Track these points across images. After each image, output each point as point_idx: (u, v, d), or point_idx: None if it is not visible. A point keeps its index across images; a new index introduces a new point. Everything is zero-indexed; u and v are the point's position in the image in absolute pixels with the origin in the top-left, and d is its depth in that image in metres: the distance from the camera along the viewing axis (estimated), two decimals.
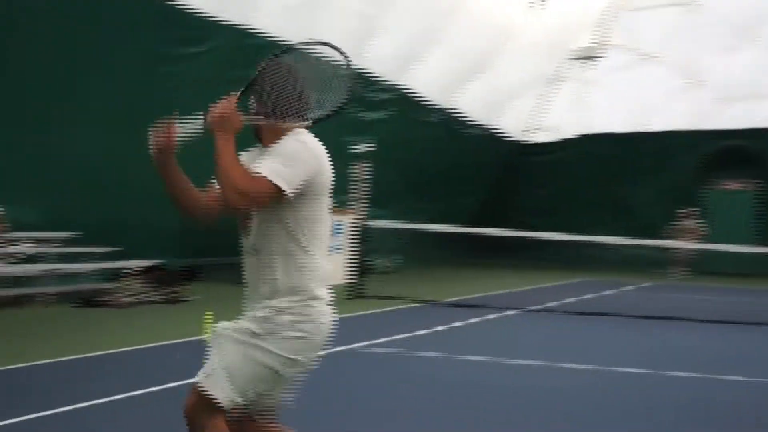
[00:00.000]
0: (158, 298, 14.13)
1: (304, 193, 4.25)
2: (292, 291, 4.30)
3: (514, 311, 15.35)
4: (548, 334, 13.16)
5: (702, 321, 14.76)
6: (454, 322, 13.34)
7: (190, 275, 16.87)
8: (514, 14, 24.37)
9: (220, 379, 4.15)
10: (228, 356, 4.21)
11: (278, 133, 4.41)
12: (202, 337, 7.73)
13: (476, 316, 14.28)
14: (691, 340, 12.82)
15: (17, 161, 13.99)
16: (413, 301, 15.91)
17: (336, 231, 19.10)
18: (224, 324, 4.38)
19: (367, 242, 16.84)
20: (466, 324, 13.37)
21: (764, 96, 28.69)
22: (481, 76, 27.19)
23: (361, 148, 20.28)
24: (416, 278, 20.43)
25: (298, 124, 4.42)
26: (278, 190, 4.12)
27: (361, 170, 18.68)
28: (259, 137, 4.58)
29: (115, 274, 14.16)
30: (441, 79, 26.05)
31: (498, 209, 30.33)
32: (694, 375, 9.72)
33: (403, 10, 22.14)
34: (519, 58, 27.49)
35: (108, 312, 12.82)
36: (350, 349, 10.32)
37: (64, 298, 13.49)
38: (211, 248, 18.63)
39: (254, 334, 4.20)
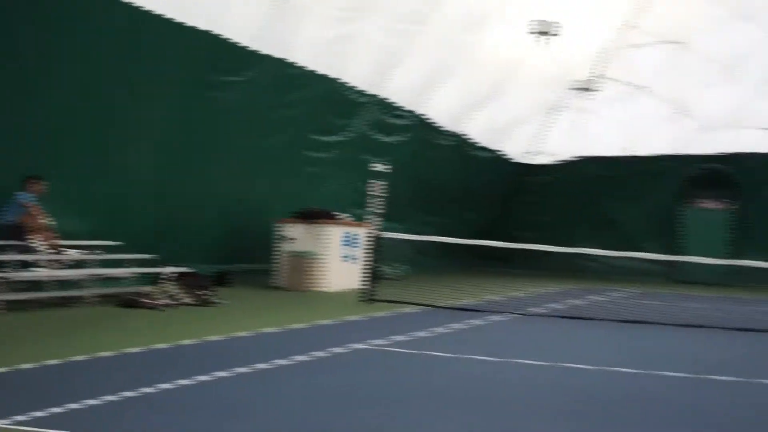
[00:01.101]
0: (191, 300, 14.05)
1: None
2: None
3: (512, 315, 15.28)
4: (542, 336, 13.08)
5: (682, 326, 14.64)
6: (456, 324, 13.23)
7: (220, 280, 16.84)
8: (520, 50, 24.25)
9: None
10: None
11: None
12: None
13: (477, 319, 14.16)
14: (671, 342, 12.78)
15: (68, 178, 13.99)
16: (420, 305, 15.77)
17: (353, 242, 19.07)
18: None
19: (379, 252, 16.74)
20: (468, 326, 13.25)
21: (740, 126, 28.67)
22: (489, 105, 27.16)
23: (379, 167, 20.19)
24: (423, 285, 20.29)
25: None
26: None
27: (377, 187, 18.59)
28: None
29: (152, 279, 14.13)
30: (453, 107, 26.01)
31: (501, 223, 30.25)
32: (675, 374, 9.56)
33: (421, 46, 22.06)
34: (523, 89, 27.39)
35: (145, 312, 12.77)
36: (362, 347, 10.32)
37: (106, 300, 13.43)
38: (237, 257, 18.66)
39: None
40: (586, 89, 28.65)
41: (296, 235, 18.34)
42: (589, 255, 27.78)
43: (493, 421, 6.92)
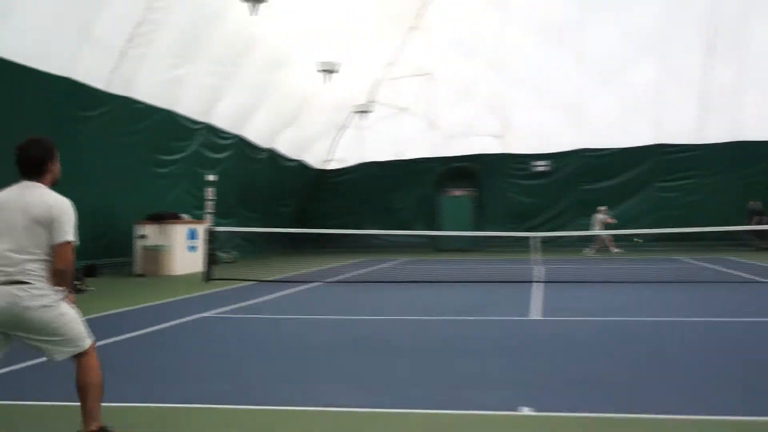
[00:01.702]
0: None
1: None
2: None
3: (318, 283, 15.38)
4: (340, 296, 13.17)
5: (443, 282, 15.14)
6: (278, 293, 13.27)
7: (88, 272, 16.30)
8: (313, 83, 24.57)
9: None
10: None
11: None
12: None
13: (292, 288, 14.22)
14: (438, 295, 12.94)
15: None
16: (249, 281, 15.79)
17: (194, 236, 18.94)
18: None
19: (214, 242, 16.70)
20: (287, 294, 13.29)
21: (474, 134, 29.81)
22: (292, 126, 27.26)
23: (210, 177, 20.08)
24: (250, 265, 20.31)
25: None
26: None
27: (210, 193, 18.47)
28: None
29: None
30: (265, 128, 25.98)
31: (307, 215, 30.40)
32: (447, 318, 9.90)
33: (238, 83, 22.05)
34: (317, 113, 27.68)
35: None
36: (204, 316, 10.27)
37: None
38: (102, 252, 18.09)
39: None
40: (364, 111, 29.20)
41: (149, 233, 18.04)
42: (374, 234, 28.60)
43: (304, 363, 7.26)
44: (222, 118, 23.10)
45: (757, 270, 16.91)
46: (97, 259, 17.58)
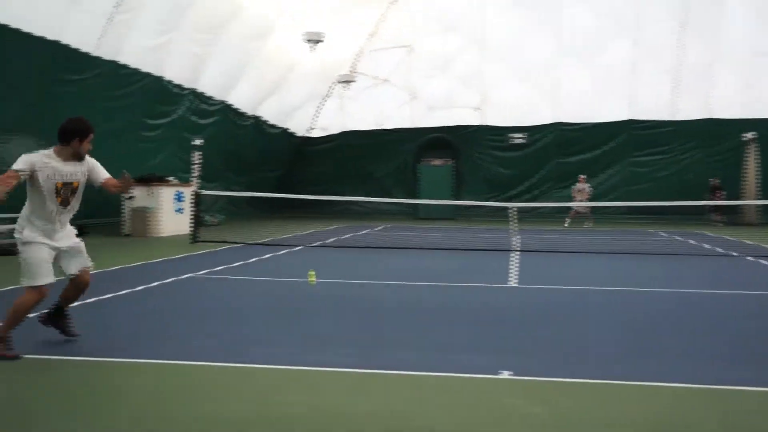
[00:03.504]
0: None
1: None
2: None
3: (302, 247, 15.34)
4: (324, 260, 13.00)
5: (422, 248, 15.16)
6: (261, 256, 13.27)
7: (79, 231, 16.12)
8: (298, 53, 24.35)
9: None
10: None
11: None
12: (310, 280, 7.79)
13: (276, 251, 14.19)
14: (419, 261, 12.84)
15: None
16: (234, 243, 15.73)
17: (181, 198, 18.77)
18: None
19: (200, 205, 16.59)
20: (270, 256, 13.28)
21: (453, 106, 29.82)
22: (277, 94, 27.08)
23: (197, 142, 19.90)
24: (235, 228, 20.24)
25: None
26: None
27: (196, 157, 18.35)
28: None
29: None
30: (250, 96, 25.79)
31: (290, 181, 30.25)
32: (417, 284, 9.84)
33: (223, 51, 21.77)
34: (302, 82, 27.54)
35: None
36: (191, 276, 10.24)
37: None
38: (92, 212, 17.92)
39: None
40: (347, 81, 29.07)
41: (137, 195, 17.85)
42: (355, 201, 28.62)
43: (290, 322, 7.27)
44: (208, 85, 22.87)
45: (729, 244, 17.11)
46: (86, 219, 17.42)
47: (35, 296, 5.53)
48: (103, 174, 5.94)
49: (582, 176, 24.80)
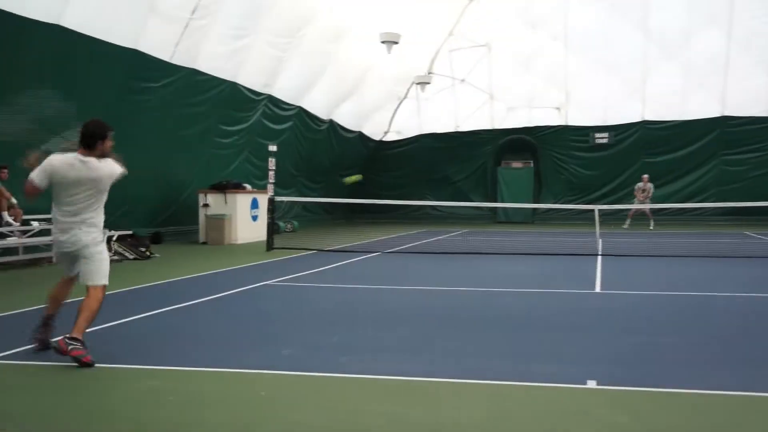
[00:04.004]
0: (133, 256, 13.78)
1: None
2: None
3: (378, 253, 15.28)
4: (403, 267, 13.05)
5: (503, 254, 14.97)
6: (337, 263, 13.24)
7: (155, 239, 16.52)
8: (374, 55, 24.35)
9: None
10: None
11: None
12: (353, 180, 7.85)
13: (351, 258, 14.19)
14: (500, 267, 12.73)
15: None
16: (309, 250, 15.80)
17: (256, 205, 19.03)
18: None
19: (276, 211, 16.73)
20: (347, 263, 13.26)
21: (533, 106, 29.35)
22: (352, 97, 27.17)
23: (273, 148, 20.13)
24: (310, 235, 20.36)
25: None
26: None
27: (271, 163, 18.56)
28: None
29: None
30: (325, 100, 25.95)
31: (366, 186, 30.23)
32: (511, 290, 9.66)
33: (298, 55, 21.95)
34: (378, 85, 27.53)
35: None
36: (268, 284, 10.31)
37: None
38: (168, 220, 18.37)
39: None
40: (423, 83, 28.95)
41: (212, 202, 18.17)
42: (432, 206, 28.50)
43: (365, 331, 7.18)
44: (283, 90, 23.08)
45: None
46: (162, 227, 17.88)
47: (103, 294, 5.82)
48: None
49: (645, 176, 24.32)
